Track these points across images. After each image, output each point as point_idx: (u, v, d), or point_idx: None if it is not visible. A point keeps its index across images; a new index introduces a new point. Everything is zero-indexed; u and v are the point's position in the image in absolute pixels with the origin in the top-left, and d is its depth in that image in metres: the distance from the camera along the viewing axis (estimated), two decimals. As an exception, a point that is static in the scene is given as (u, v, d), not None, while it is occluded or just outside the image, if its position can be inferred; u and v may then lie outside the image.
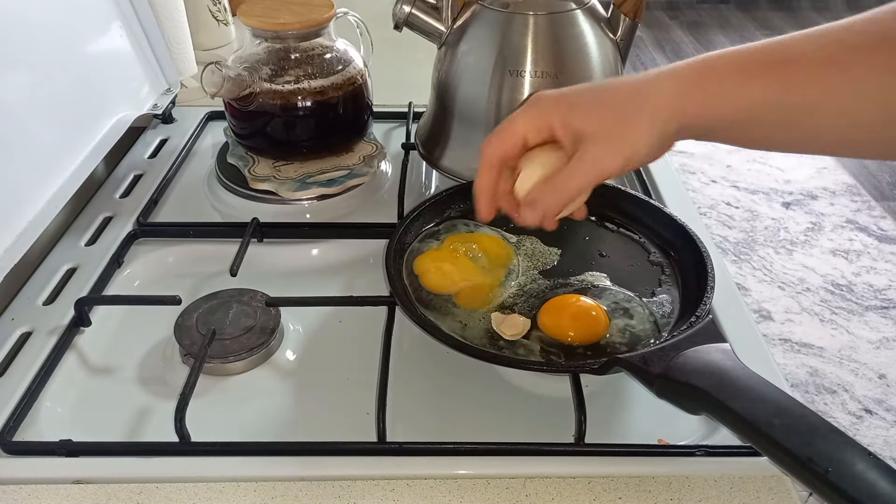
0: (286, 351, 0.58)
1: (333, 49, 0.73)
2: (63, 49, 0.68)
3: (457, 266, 0.59)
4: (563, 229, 0.65)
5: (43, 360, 0.55)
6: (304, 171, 0.74)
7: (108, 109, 0.74)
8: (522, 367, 0.50)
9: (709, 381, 0.43)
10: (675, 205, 0.71)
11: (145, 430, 0.52)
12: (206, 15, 0.99)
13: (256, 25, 0.70)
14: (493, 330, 0.54)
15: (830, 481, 0.36)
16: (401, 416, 0.52)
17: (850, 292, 1.97)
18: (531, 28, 0.67)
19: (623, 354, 0.48)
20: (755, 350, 0.56)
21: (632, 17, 0.69)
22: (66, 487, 0.46)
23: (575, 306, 0.55)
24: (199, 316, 0.57)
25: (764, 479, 0.47)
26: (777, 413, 0.40)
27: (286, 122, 0.72)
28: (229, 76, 0.66)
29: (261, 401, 0.54)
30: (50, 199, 0.62)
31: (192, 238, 0.69)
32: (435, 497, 0.46)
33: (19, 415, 0.51)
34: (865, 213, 2.29)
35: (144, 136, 0.86)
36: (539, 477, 0.47)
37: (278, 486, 0.46)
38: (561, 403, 0.52)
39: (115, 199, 0.75)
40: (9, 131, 0.59)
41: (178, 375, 0.54)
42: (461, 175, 0.71)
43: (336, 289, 0.65)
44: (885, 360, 1.76)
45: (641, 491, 0.46)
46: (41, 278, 0.64)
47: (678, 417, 0.47)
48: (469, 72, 0.70)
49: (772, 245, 2.14)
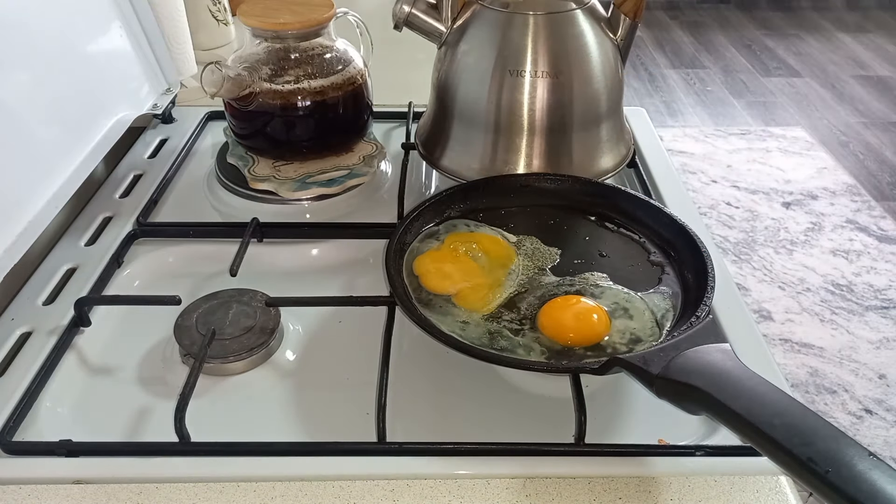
0: (286, 351, 0.58)
1: (333, 49, 0.73)
2: (63, 49, 0.68)
3: (457, 266, 0.59)
4: (563, 229, 0.65)
5: (43, 361, 0.55)
6: (304, 171, 0.74)
7: (108, 109, 0.74)
8: (522, 367, 0.50)
9: (709, 382, 0.43)
10: (675, 205, 0.71)
11: (145, 430, 0.52)
12: (206, 15, 0.99)
13: (256, 25, 0.70)
14: (492, 330, 0.54)
15: (830, 481, 0.36)
16: (401, 416, 0.52)
17: (850, 292, 1.97)
18: (531, 28, 0.67)
19: (623, 354, 0.48)
20: (755, 350, 0.56)
21: (632, 17, 0.69)
22: (66, 487, 0.46)
23: (575, 307, 0.55)
24: (199, 316, 0.57)
25: (764, 479, 0.47)
26: (777, 413, 0.40)
27: (286, 122, 0.72)
28: (229, 76, 0.66)
29: (261, 401, 0.54)
30: (50, 199, 0.62)
31: (191, 238, 0.69)
32: (435, 497, 0.46)
33: (19, 415, 0.51)
34: (865, 213, 2.29)
35: (144, 136, 0.86)
36: (539, 477, 0.47)
37: (278, 486, 0.46)
38: (561, 403, 0.52)
39: (115, 199, 0.75)
40: (9, 131, 0.59)
41: (178, 375, 0.54)
42: (461, 175, 0.71)
43: (336, 289, 0.65)
44: (885, 360, 1.76)
45: (641, 491, 0.46)
46: (41, 278, 0.64)
47: (678, 417, 0.47)
48: (469, 72, 0.70)
49: (772, 245, 2.14)
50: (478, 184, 0.68)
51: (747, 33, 3.58)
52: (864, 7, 3.64)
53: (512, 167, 0.70)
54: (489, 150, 0.71)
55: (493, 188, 0.68)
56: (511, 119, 0.69)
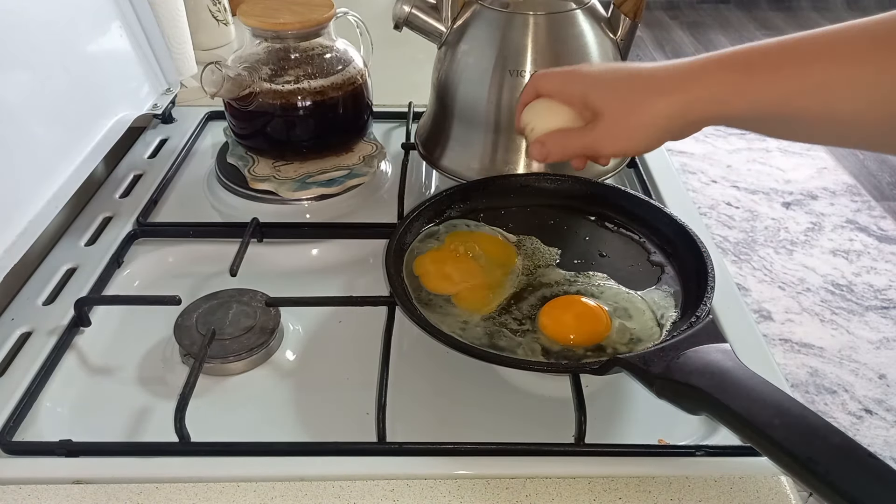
0: (286, 351, 0.58)
1: (333, 49, 0.73)
2: (63, 49, 0.68)
3: (457, 266, 0.59)
4: (563, 229, 0.65)
5: (43, 360, 0.55)
6: (304, 170, 0.74)
7: (108, 109, 0.74)
8: (522, 367, 0.50)
9: (709, 382, 0.43)
10: (675, 205, 0.71)
11: (145, 430, 0.52)
12: (206, 15, 0.99)
13: (256, 25, 0.70)
14: (492, 330, 0.54)
15: (830, 481, 0.36)
16: (401, 416, 0.52)
17: (850, 292, 1.97)
18: (531, 28, 0.67)
19: (623, 355, 0.48)
20: (755, 350, 0.56)
21: (632, 17, 0.69)
22: (66, 487, 0.46)
23: (576, 308, 0.55)
24: (199, 316, 0.57)
25: (764, 479, 0.47)
26: (777, 413, 0.40)
27: (286, 122, 0.72)
28: (229, 76, 0.66)
29: (261, 401, 0.54)
30: (50, 199, 0.62)
31: (191, 238, 0.69)
32: (435, 497, 0.46)
33: (19, 415, 0.51)
34: (865, 213, 2.29)
35: (144, 136, 0.86)
36: (539, 477, 0.47)
37: (278, 486, 0.46)
38: (561, 403, 0.52)
39: (115, 199, 0.75)
40: (9, 131, 0.59)
41: (178, 375, 0.54)
42: (461, 175, 0.71)
43: (336, 289, 0.65)
44: (885, 360, 1.76)
45: (641, 491, 0.46)
46: (41, 278, 0.64)
47: (678, 417, 0.47)
48: (469, 72, 0.70)
49: (772, 245, 2.14)
50: (478, 184, 0.68)
51: (747, 33, 3.58)
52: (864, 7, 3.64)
53: (512, 167, 0.70)
54: (489, 150, 0.71)
55: (493, 188, 0.67)
56: (511, 119, 0.69)
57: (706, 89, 0.47)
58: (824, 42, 0.43)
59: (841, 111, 0.43)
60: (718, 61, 0.47)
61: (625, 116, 0.51)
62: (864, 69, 0.41)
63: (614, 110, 0.51)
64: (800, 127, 0.46)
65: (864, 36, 0.42)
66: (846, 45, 0.42)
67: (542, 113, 0.56)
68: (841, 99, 0.42)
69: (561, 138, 0.55)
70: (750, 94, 0.45)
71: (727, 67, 0.46)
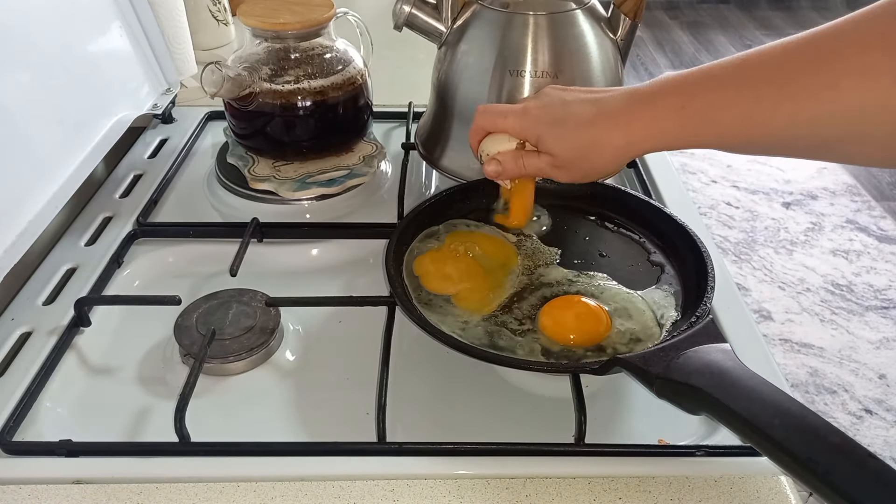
0: (286, 351, 0.58)
1: (333, 49, 0.73)
2: (63, 49, 0.68)
3: (457, 266, 0.59)
4: (563, 229, 0.65)
5: (43, 360, 0.55)
6: (304, 171, 0.74)
7: (107, 109, 0.74)
8: (522, 367, 0.50)
9: (709, 382, 0.43)
10: (675, 205, 0.71)
11: (145, 430, 0.52)
12: (206, 15, 0.99)
13: (256, 25, 0.70)
14: (492, 330, 0.54)
15: (830, 481, 0.36)
16: (401, 416, 0.52)
17: (850, 292, 1.97)
18: (531, 28, 0.67)
19: (623, 355, 0.48)
20: (755, 350, 0.56)
21: (632, 17, 0.69)
22: (65, 487, 0.46)
23: (576, 308, 0.55)
24: (199, 316, 0.58)
25: (764, 479, 0.47)
26: (777, 413, 0.40)
27: (286, 122, 0.72)
28: (229, 76, 0.66)
29: (261, 401, 0.54)
30: (50, 199, 0.62)
31: (191, 238, 0.69)
32: (435, 497, 0.46)
33: (19, 415, 0.51)
34: (865, 213, 2.29)
35: (144, 136, 0.86)
36: (539, 477, 0.47)
37: (278, 486, 0.46)
38: (561, 403, 0.52)
39: (115, 199, 0.75)
40: (9, 131, 0.59)
41: (177, 375, 0.54)
42: (461, 175, 0.71)
43: (336, 289, 0.65)
44: (885, 360, 1.76)
45: (641, 491, 0.46)
46: (41, 278, 0.64)
47: (678, 417, 0.47)
48: (469, 72, 0.70)
49: (772, 245, 2.14)
50: (478, 184, 0.68)
51: (747, 33, 3.58)
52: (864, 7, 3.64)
53: (512, 167, 0.70)
54: (489, 150, 0.71)
55: (493, 188, 0.67)
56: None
57: (654, 121, 0.48)
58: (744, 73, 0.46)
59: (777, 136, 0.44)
60: (662, 88, 0.49)
61: (579, 160, 0.53)
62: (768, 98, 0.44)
63: (569, 157, 0.53)
64: (756, 150, 0.49)
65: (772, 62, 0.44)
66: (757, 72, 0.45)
67: (497, 139, 0.58)
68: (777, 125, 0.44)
69: (516, 157, 0.57)
70: (689, 127, 0.47)
71: (672, 94, 0.48)
